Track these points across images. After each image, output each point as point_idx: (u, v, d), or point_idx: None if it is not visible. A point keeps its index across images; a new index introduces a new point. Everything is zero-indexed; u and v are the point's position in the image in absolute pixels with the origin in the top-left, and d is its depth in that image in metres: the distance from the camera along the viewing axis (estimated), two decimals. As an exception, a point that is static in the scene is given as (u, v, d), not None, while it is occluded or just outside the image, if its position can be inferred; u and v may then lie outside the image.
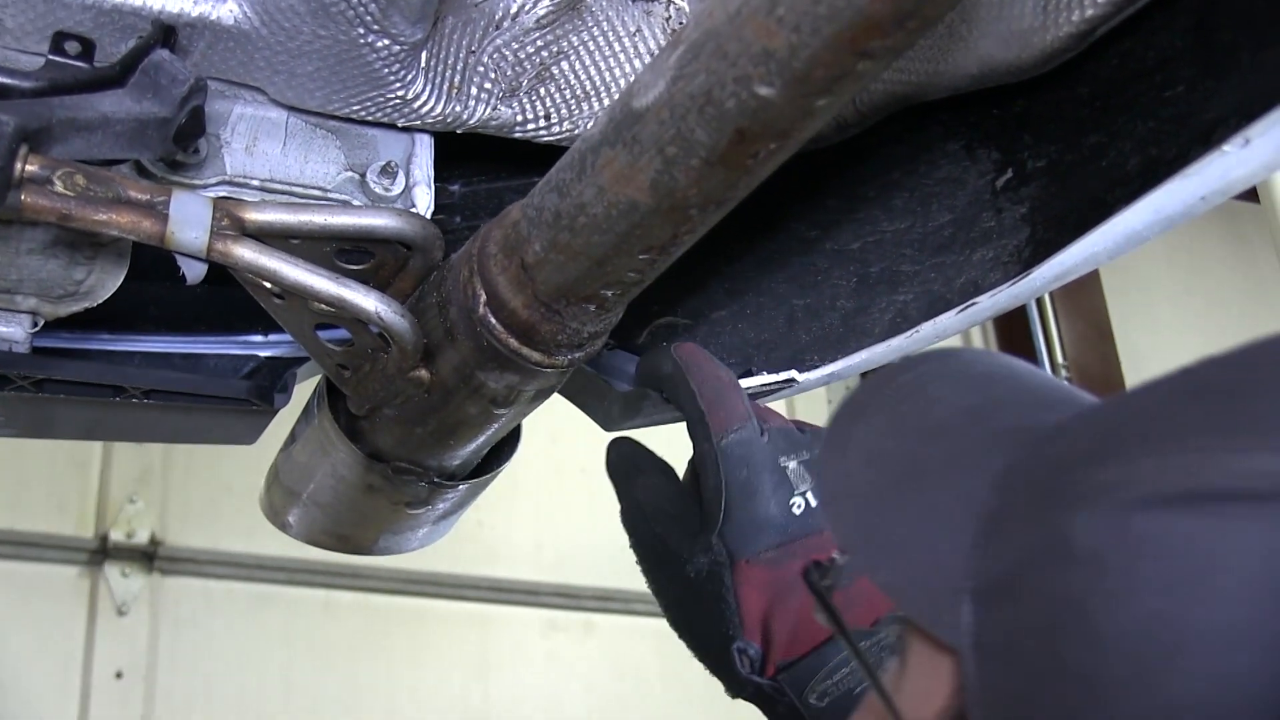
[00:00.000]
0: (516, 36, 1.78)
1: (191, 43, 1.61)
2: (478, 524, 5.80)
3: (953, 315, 1.82)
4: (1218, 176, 1.57)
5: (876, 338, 1.92)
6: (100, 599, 5.33)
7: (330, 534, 1.99)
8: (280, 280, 1.50)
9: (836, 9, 1.08)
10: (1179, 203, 1.62)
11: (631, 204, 1.33)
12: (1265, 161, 1.54)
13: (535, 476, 5.93)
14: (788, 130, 1.21)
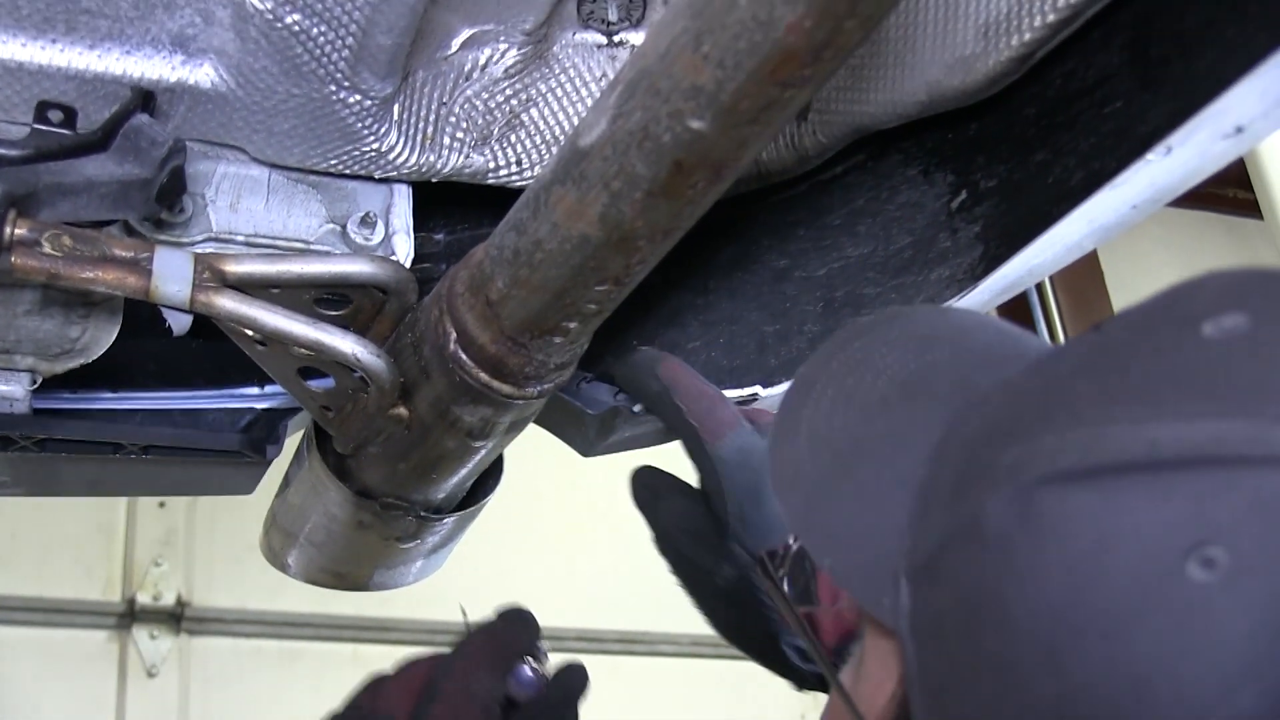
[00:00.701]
0: (486, 86, 1.84)
1: (172, 106, 1.67)
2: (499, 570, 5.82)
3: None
4: (1146, 185, 1.62)
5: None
6: (130, 661, 5.34)
7: (327, 572, 2.04)
8: (261, 328, 1.57)
9: (756, 43, 1.14)
10: (1111, 212, 1.67)
11: (583, 238, 1.39)
12: (1188, 168, 1.59)
13: (556, 521, 5.93)
14: (723, 160, 1.27)
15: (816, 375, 1.30)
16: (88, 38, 1.60)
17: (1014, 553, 0.98)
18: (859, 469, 1.19)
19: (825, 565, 1.16)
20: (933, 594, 1.05)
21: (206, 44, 1.64)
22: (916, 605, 1.07)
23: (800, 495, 1.22)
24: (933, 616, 1.05)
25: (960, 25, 1.73)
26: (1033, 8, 1.66)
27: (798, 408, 1.27)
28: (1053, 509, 0.97)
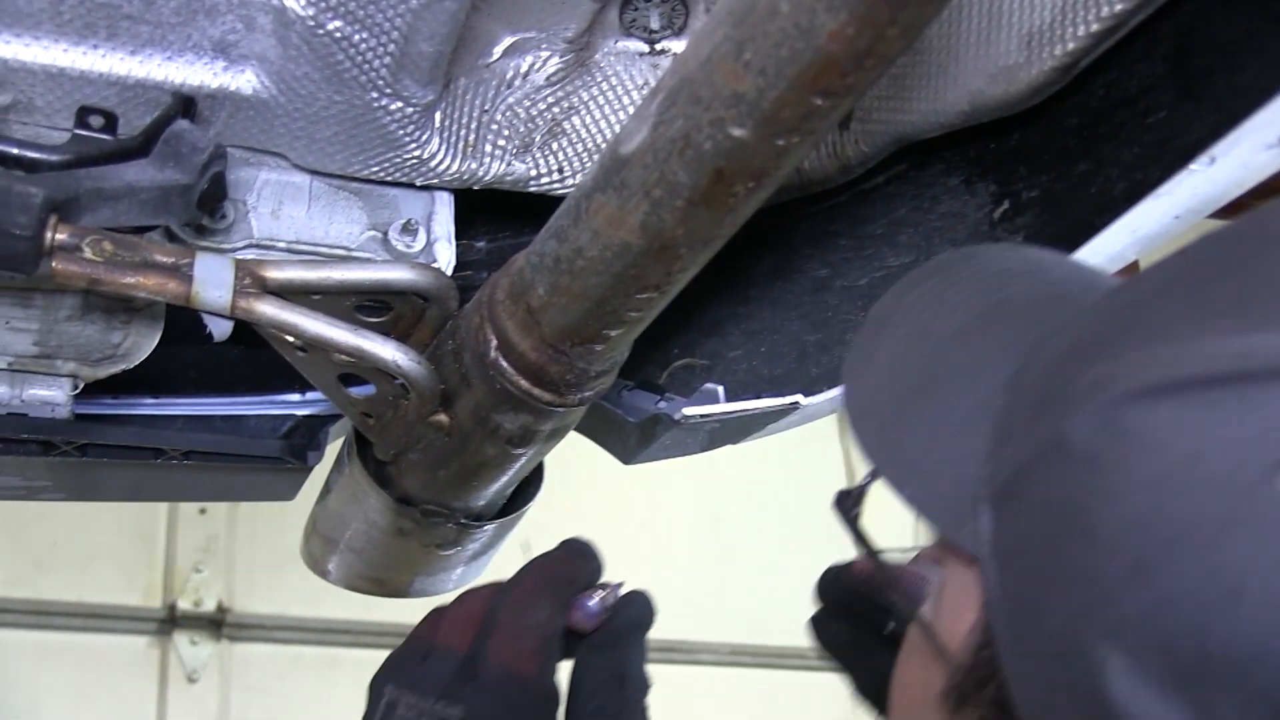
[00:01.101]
0: (528, 94, 1.84)
1: (214, 113, 1.68)
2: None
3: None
4: (1189, 195, 1.61)
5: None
6: (170, 668, 5.37)
7: (367, 579, 2.04)
8: (302, 334, 1.57)
9: (797, 51, 1.14)
10: (1154, 222, 1.66)
11: (624, 246, 1.39)
12: (1231, 178, 1.58)
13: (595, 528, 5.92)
14: (764, 168, 1.27)
15: (890, 312, 1.29)
16: (129, 43, 1.60)
17: (1100, 469, 0.96)
18: (936, 398, 1.18)
19: (904, 495, 1.14)
20: (1016, 516, 1.04)
21: (248, 50, 1.64)
22: (999, 529, 1.06)
23: (875, 425, 1.20)
24: (1016, 538, 1.04)
25: (1003, 35, 1.73)
26: (1076, 17, 1.65)
27: (871, 343, 1.26)
28: (1139, 424, 0.95)
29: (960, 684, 1.09)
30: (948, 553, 1.14)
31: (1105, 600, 0.94)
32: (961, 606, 1.11)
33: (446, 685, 1.56)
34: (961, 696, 1.09)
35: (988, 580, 1.05)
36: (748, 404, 2.00)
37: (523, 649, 1.57)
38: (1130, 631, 0.92)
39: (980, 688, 1.07)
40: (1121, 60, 1.71)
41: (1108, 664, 0.93)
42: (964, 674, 1.09)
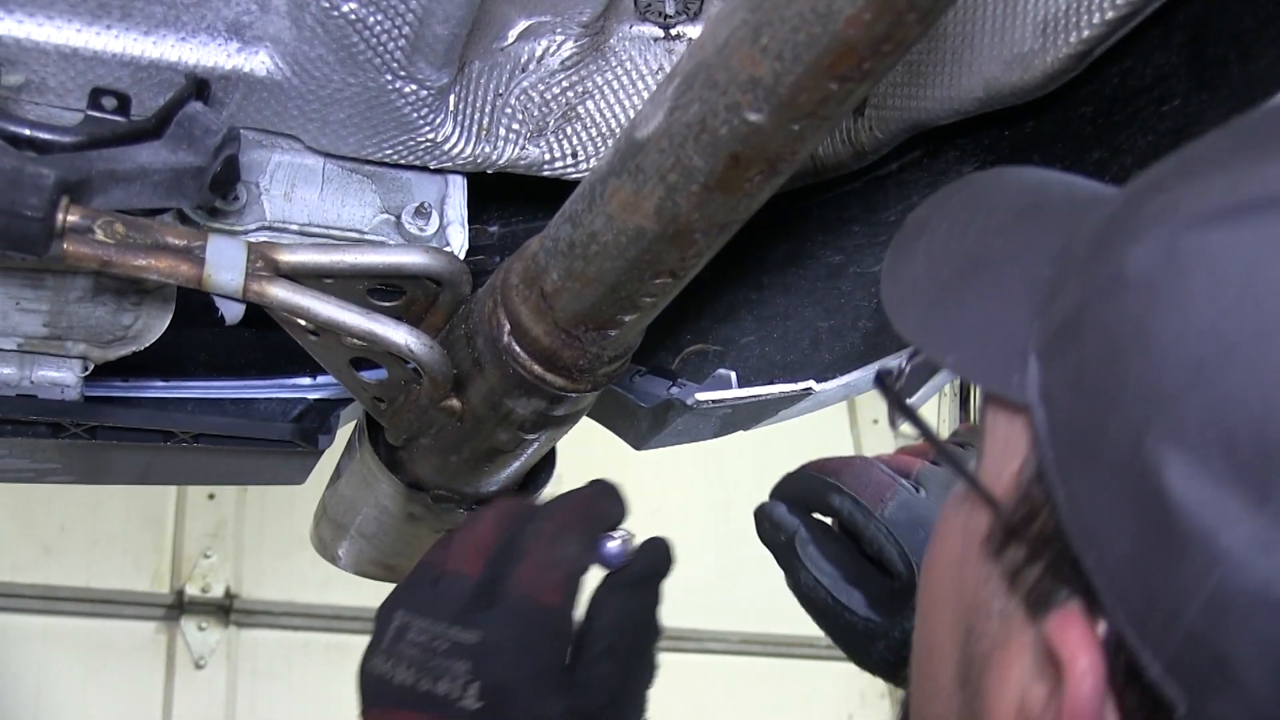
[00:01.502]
0: (542, 78, 1.84)
1: (227, 94, 1.67)
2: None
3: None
4: (1204, 184, 1.61)
5: (892, 352, 1.96)
6: (178, 653, 5.35)
7: (378, 564, 2.04)
8: (314, 317, 1.57)
9: (814, 36, 1.14)
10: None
11: (639, 230, 1.39)
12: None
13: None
14: (780, 153, 1.27)
15: (929, 215, 1.29)
16: (143, 24, 1.60)
17: (1160, 289, 0.98)
18: (980, 277, 1.19)
19: (948, 361, 1.16)
20: (1069, 353, 1.05)
21: (262, 31, 1.64)
22: (1050, 371, 1.07)
23: (919, 309, 1.22)
24: (1070, 371, 1.05)
25: (1019, 22, 1.72)
26: (1092, 5, 1.65)
27: (911, 243, 1.27)
28: (1199, 246, 0.97)
29: (1007, 523, 1.10)
30: (992, 407, 1.16)
31: (1166, 405, 0.95)
32: (1007, 454, 1.12)
33: (462, 610, 1.53)
34: (1008, 535, 1.10)
35: (1036, 420, 1.07)
36: (760, 390, 1.99)
37: (550, 581, 1.54)
38: (1190, 431, 0.94)
39: (1028, 523, 1.08)
40: (1137, 48, 1.71)
41: (1166, 464, 0.94)
42: (1011, 510, 1.10)
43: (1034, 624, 1.08)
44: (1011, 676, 1.10)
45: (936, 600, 1.24)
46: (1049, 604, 1.06)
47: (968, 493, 1.18)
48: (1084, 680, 1.00)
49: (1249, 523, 0.91)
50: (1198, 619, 0.93)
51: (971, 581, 1.16)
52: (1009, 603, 1.11)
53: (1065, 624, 1.03)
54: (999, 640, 1.12)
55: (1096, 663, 1.01)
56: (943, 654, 1.21)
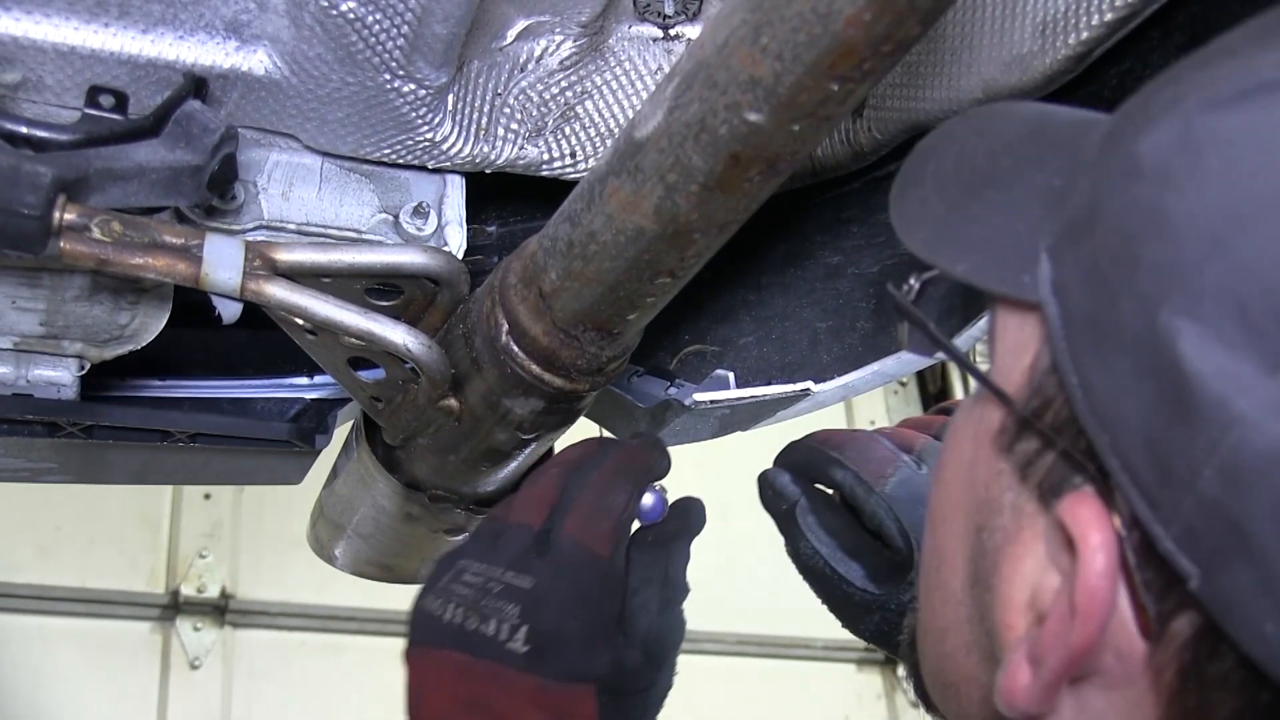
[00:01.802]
0: (541, 78, 1.83)
1: (225, 93, 1.67)
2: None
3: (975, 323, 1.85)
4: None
5: (891, 353, 1.96)
6: (173, 654, 5.35)
7: (375, 564, 2.03)
8: (311, 316, 1.56)
9: (815, 36, 1.14)
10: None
11: (638, 230, 1.39)
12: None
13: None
14: (779, 153, 1.27)
15: (936, 143, 1.30)
16: (141, 22, 1.60)
17: (1172, 173, 0.98)
18: (988, 193, 1.19)
19: (958, 271, 1.16)
20: (1080, 245, 1.06)
21: (260, 30, 1.63)
22: (1061, 266, 1.07)
23: (929, 226, 1.22)
24: (1083, 264, 1.05)
25: (1018, 23, 1.72)
26: (1091, 6, 1.65)
27: (919, 169, 1.28)
28: (1212, 129, 0.98)
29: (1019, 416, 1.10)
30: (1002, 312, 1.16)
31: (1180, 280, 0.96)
32: (1016, 352, 1.12)
33: (518, 556, 1.57)
34: (1020, 428, 1.11)
35: (1049, 314, 1.07)
36: (758, 390, 1.99)
37: (599, 530, 1.57)
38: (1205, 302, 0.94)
39: (1040, 414, 1.08)
40: (1136, 50, 1.71)
41: (1181, 336, 0.94)
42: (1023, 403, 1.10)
43: (1046, 512, 1.08)
44: (1023, 569, 1.11)
45: (947, 508, 1.23)
46: (1061, 490, 1.06)
47: (977, 399, 1.19)
48: (1097, 556, 1.01)
49: (1262, 387, 0.91)
50: (1211, 485, 0.93)
51: (983, 479, 1.16)
52: (1020, 494, 1.11)
53: (1078, 503, 1.04)
54: (1010, 533, 1.12)
55: (1109, 540, 1.01)
56: (953, 561, 1.21)
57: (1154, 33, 1.68)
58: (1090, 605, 1.02)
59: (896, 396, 6.77)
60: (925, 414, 2.04)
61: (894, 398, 6.78)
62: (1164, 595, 1.00)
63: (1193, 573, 0.95)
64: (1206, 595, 0.95)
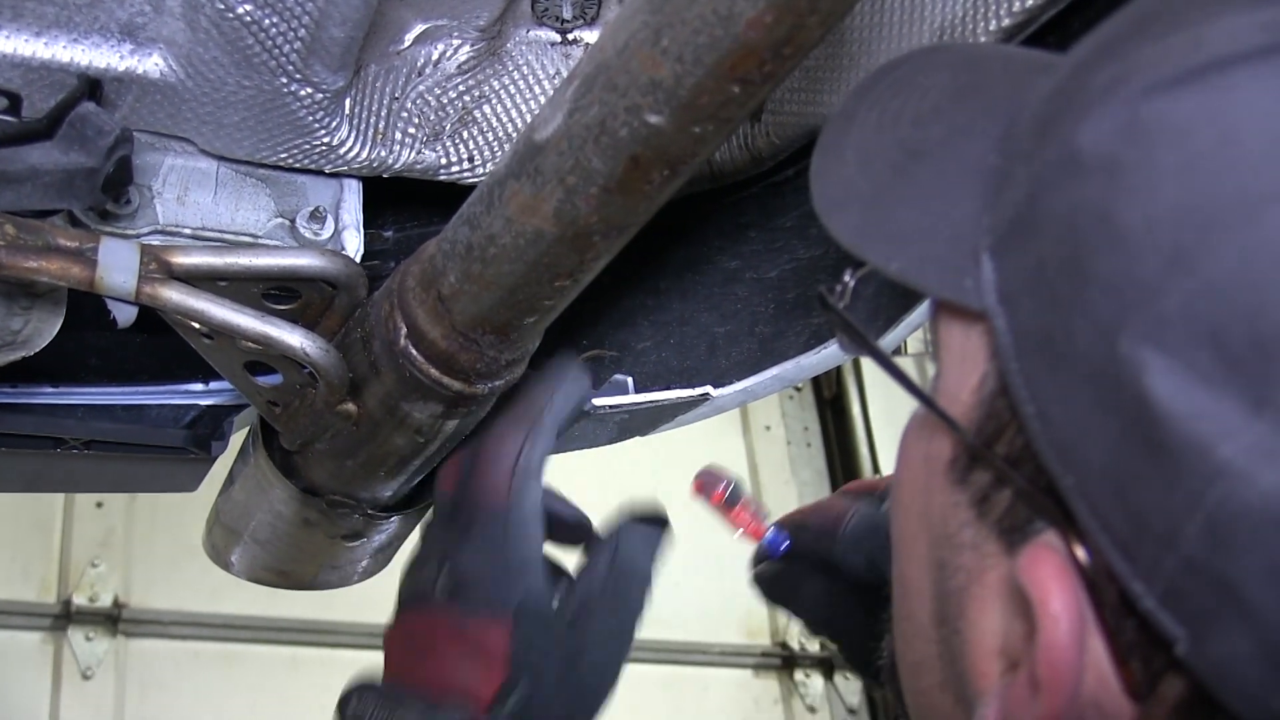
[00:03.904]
0: (439, 82, 1.83)
1: (120, 96, 1.66)
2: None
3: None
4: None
5: (790, 357, 1.96)
6: (65, 664, 5.29)
7: (272, 570, 2.01)
8: (207, 320, 1.55)
9: (716, 39, 1.14)
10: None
11: (538, 233, 1.38)
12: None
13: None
14: (680, 156, 1.27)
15: (855, 107, 1.22)
16: (34, 24, 1.58)
17: (1121, 169, 0.90)
18: (918, 171, 1.11)
19: (893, 269, 1.07)
20: (1025, 249, 0.97)
21: (156, 33, 1.62)
22: (1005, 271, 0.99)
23: (854, 211, 1.13)
24: (1028, 271, 0.97)
25: (917, 28, 1.73)
26: (988, 12, 1.66)
27: (839, 137, 1.20)
28: (1162, 116, 0.90)
29: (971, 444, 1.03)
30: (945, 317, 1.08)
31: (1140, 301, 0.88)
32: (965, 369, 1.05)
33: (444, 520, 1.66)
34: (972, 458, 1.04)
35: (996, 327, 0.99)
36: (657, 395, 1.99)
37: (495, 482, 1.62)
38: (1171, 328, 0.86)
39: (993, 442, 1.01)
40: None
41: (1147, 368, 0.87)
42: (974, 431, 1.03)
43: (1008, 557, 1.01)
44: (990, 613, 1.04)
45: (907, 534, 1.16)
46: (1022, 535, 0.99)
47: (926, 416, 1.12)
48: (1058, 625, 0.94)
49: (1247, 430, 0.84)
50: (1196, 543, 0.86)
51: (939, 511, 1.08)
52: (979, 532, 1.04)
53: (1036, 560, 0.96)
54: (973, 574, 1.05)
55: (1071, 604, 0.94)
56: (919, 590, 1.14)
57: (1051, 38, 1.69)
58: (1054, 678, 0.95)
59: (792, 401, 6.79)
60: None
61: (789, 403, 6.80)
62: (1149, 656, 0.93)
63: (1179, 635, 0.89)
64: (1196, 660, 0.89)
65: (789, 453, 6.82)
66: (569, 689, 1.67)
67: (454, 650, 1.64)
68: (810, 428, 6.98)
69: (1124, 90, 0.93)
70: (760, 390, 2.03)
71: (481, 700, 1.63)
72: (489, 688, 1.62)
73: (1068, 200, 0.94)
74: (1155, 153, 0.90)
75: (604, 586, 1.67)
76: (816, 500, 1.95)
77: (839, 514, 1.84)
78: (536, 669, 1.63)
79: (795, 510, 1.95)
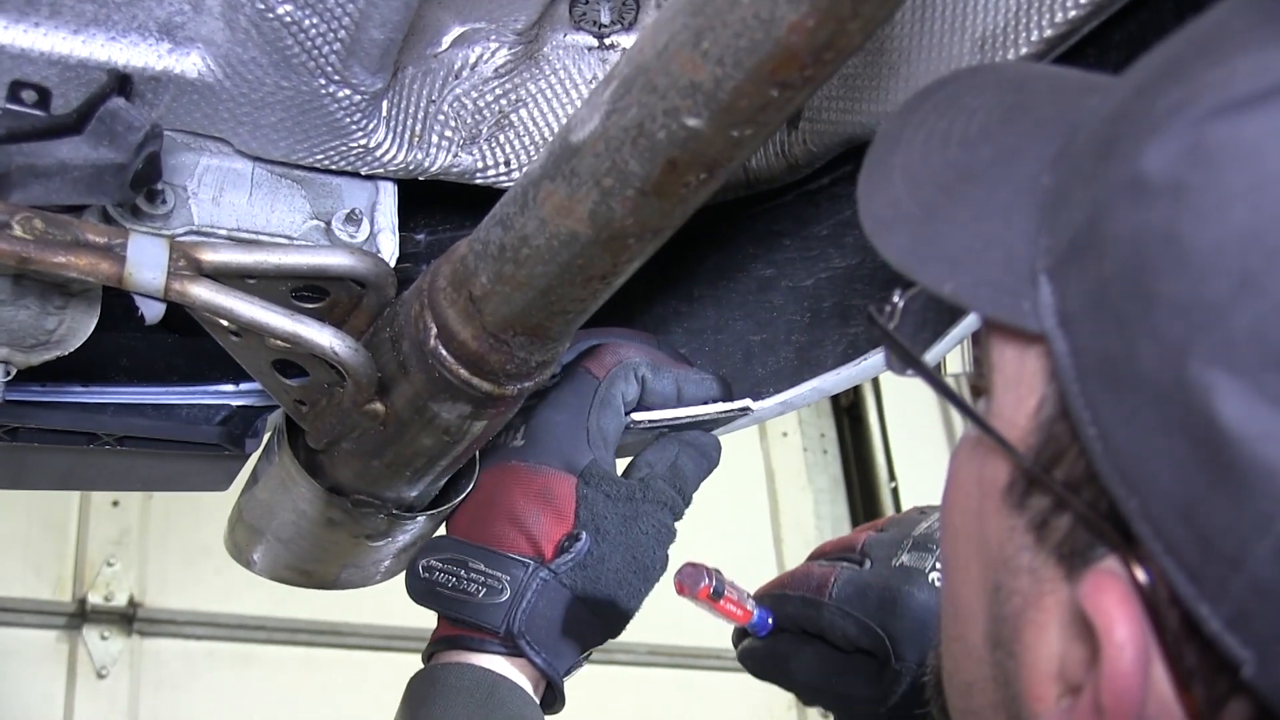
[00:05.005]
0: (476, 85, 1.83)
1: (157, 96, 1.65)
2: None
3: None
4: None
5: (828, 368, 1.96)
6: (80, 662, 5.29)
7: (294, 569, 2.01)
8: (236, 318, 1.55)
9: (757, 42, 1.14)
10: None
11: (572, 235, 1.39)
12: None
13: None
14: (717, 159, 1.27)
15: (901, 126, 1.20)
16: (72, 22, 1.58)
17: (1187, 192, 0.89)
18: (970, 192, 1.09)
19: (946, 291, 1.05)
20: (1086, 270, 0.96)
21: (194, 32, 1.62)
22: (1066, 293, 0.98)
23: (903, 233, 1.11)
24: (1090, 293, 0.95)
25: (957, 37, 1.72)
26: (1030, 22, 1.65)
27: (886, 157, 1.18)
28: (1229, 138, 0.88)
29: (1029, 469, 1.02)
30: (999, 339, 1.07)
31: (1208, 323, 0.87)
32: (1020, 392, 1.04)
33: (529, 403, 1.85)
34: (1030, 483, 1.03)
35: (1055, 350, 0.98)
36: (697, 410, 1.96)
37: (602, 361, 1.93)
38: (1240, 350, 0.85)
39: (1052, 466, 1.00)
40: (1077, 63, 1.71)
41: (1216, 390, 0.86)
42: (1033, 455, 1.02)
43: (1068, 582, 1.00)
44: (1047, 638, 1.03)
45: (959, 555, 1.15)
46: (1083, 560, 0.98)
47: (979, 438, 1.10)
48: (1123, 652, 0.93)
49: None
50: (1265, 565, 0.85)
51: (995, 535, 1.07)
52: (1037, 557, 1.03)
53: (1100, 587, 0.95)
54: (1030, 598, 1.04)
55: (1136, 632, 0.93)
56: (971, 612, 1.13)
57: (1090, 50, 1.68)
58: (1119, 706, 0.94)
59: (809, 408, 6.79)
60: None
61: (806, 409, 6.80)
62: (1213, 679, 0.92)
63: (1246, 658, 0.87)
64: (1263, 683, 0.87)
65: (805, 459, 6.84)
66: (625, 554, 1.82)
67: (523, 497, 1.84)
68: (827, 434, 6.99)
69: (1190, 113, 0.92)
70: (799, 402, 2.01)
71: (546, 547, 1.82)
72: (555, 536, 1.80)
73: (1132, 222, 0.93)
74: (1223, 175, 0.88)
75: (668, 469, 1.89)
76: (791, 570, 1.94)
77: (820, 581, 1.85)
78: (599, 528, 1.80)
79: (773, 581, 1.95)
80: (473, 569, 1.80)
